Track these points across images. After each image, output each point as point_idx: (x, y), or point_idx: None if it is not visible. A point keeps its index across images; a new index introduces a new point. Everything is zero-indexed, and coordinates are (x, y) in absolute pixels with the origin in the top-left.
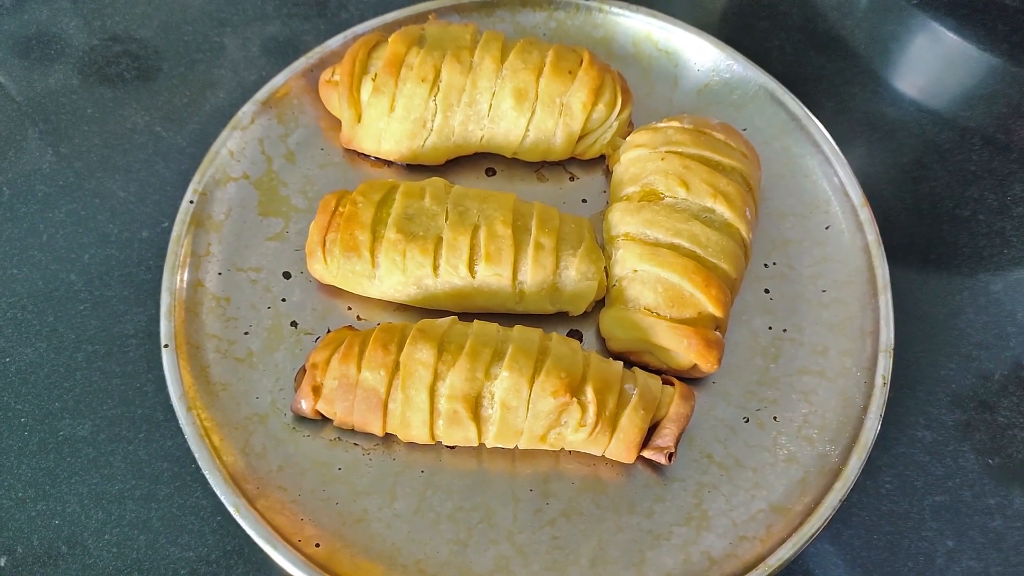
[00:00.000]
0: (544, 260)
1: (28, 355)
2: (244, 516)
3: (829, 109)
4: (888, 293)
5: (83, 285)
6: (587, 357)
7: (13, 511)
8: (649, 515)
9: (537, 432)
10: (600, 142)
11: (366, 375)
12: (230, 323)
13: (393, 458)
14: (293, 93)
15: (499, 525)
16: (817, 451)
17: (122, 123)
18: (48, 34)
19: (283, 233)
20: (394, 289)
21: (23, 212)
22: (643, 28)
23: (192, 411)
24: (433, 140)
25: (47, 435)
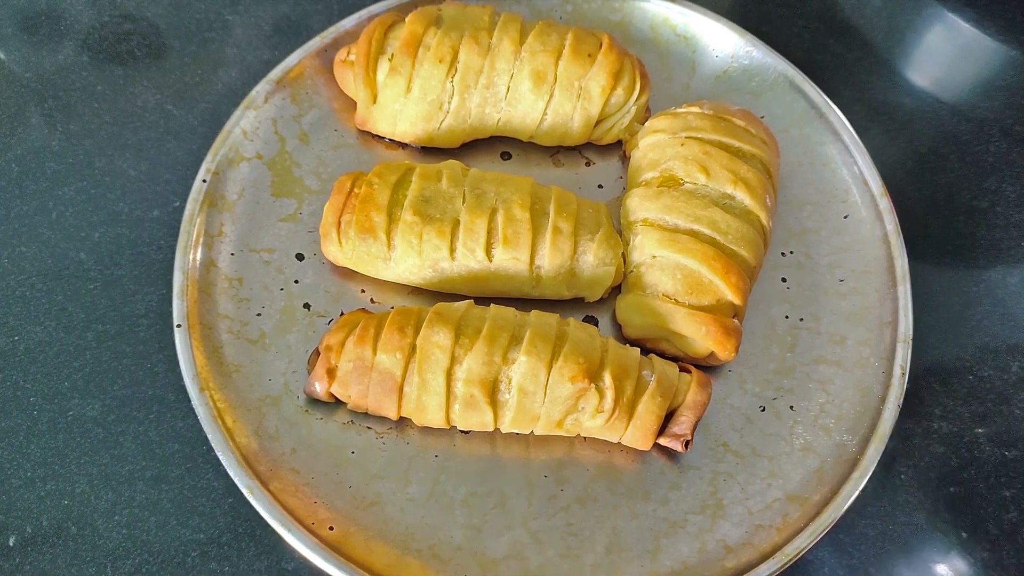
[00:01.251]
0: (562, 244)
1: (37, 334)
2: (258, 498)
3: (846, 98)
4: (907, 283)
5: (93, 264)
6: (605, 343)
7: (22, 491)
8: (664, 503)
9: (554, 418)
10: (618, 127)
11: (382, 358)
12: (243, 304)
13: (407, 442)
14: (307, 73)
15: (513, 511)
16: (834, 441)
17: (132, 101)
18: (57, 11)
19: (296, 214)
20: (409, 272)
21: (32, 189)
22: (661, 12)
23: (205, 392)
24: (449, 122)
25: (56, 415)
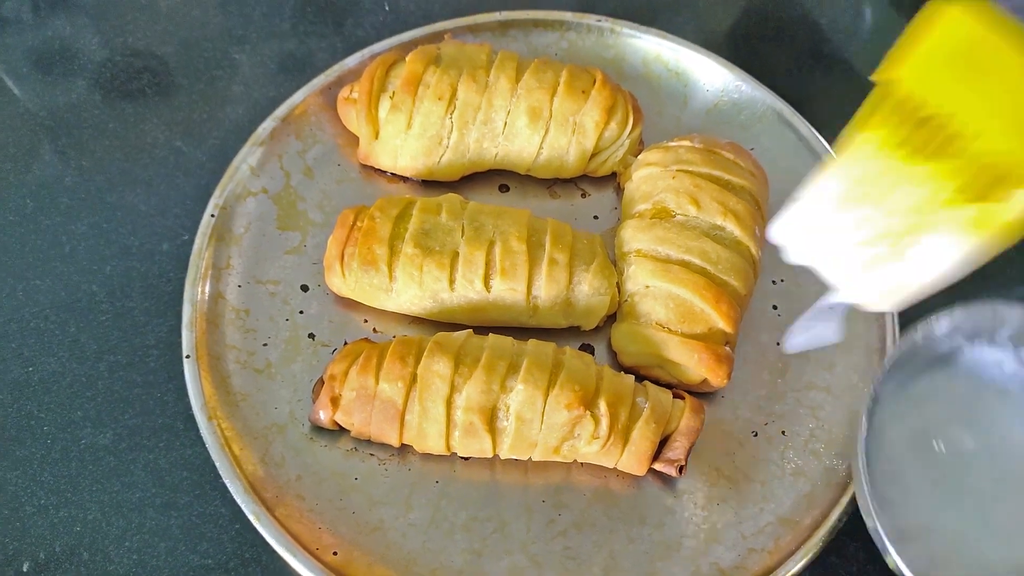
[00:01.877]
0: (558, 275)
1: (51, 365)
2: (264, 524)
3: (835, 130)
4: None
5: (105, 296)
6: (600, 371)
7: (36, 517)
8: (659, 526)
9: (551, 444)
10: (612, 160)
11: (384, 387)
12: (249, 334)
13: (408, 468)
14: (311, 110)
15: (513, 535)
16: (824, 465)
17: (143, 138)
18: (70, 50)
19: (301, 247)
20: (410, 302)
21: (46, 224)
22: (653, 49)
23: (213, 420)
24: (449, 157)
25: (69, 443)
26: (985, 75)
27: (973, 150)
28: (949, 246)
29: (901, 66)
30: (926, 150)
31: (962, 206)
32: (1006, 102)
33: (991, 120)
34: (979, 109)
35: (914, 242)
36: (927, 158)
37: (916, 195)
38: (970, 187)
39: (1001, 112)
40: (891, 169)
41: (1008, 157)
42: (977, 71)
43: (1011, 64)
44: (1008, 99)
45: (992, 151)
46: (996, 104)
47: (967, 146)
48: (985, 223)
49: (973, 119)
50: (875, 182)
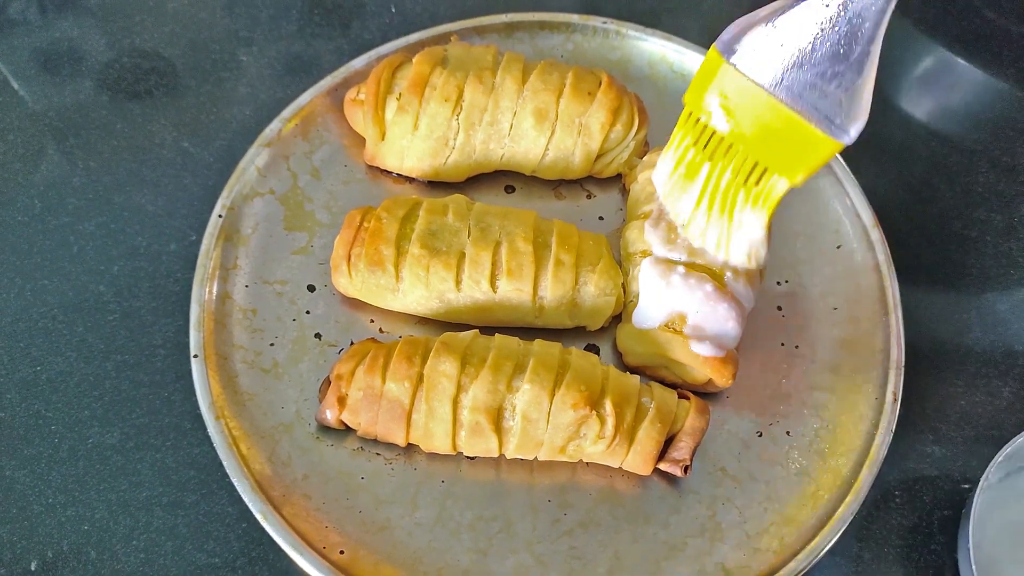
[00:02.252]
0: (564, 276)
1: (59, 364)
2: (271, 523)
3: None
4: (899, 312)
5: (112, 296)
6: (606, 371)
7: (44, 516)
8: (665, 526)
9: (557, 444)
10: (617, 161)
11: (391, 386)
12: (256, 334)
13: (414, 468)
14: (318, 111)
15: (518, 535)
16: (829, 465)
17: (151, 138)
18: (77, 51)
19: (308, 247)
20: (417, 303)
21: (54, 225)
22: (659, 51)
23: (220, 420)
24: (455, 158)
25: (77, 443)
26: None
27: (740, 152)
28: (753, 218)
29: (689, 92)
30: (709, 152)
31: (741, 188)
32: (754, 123)
33: (745, 133)
34: (736, 125)
35: (737, 213)
36: (709, 157)
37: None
38: (742, 174)
39: (751, 129)
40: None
41: (760, 158)
42: (733, 101)
43: (753, 94)
44: (754, 120)
45: (751, 153)
46: (747, 122)
47: (737, 149)
48: (763, 200)
49: (732, 132)
50: (695, 165)
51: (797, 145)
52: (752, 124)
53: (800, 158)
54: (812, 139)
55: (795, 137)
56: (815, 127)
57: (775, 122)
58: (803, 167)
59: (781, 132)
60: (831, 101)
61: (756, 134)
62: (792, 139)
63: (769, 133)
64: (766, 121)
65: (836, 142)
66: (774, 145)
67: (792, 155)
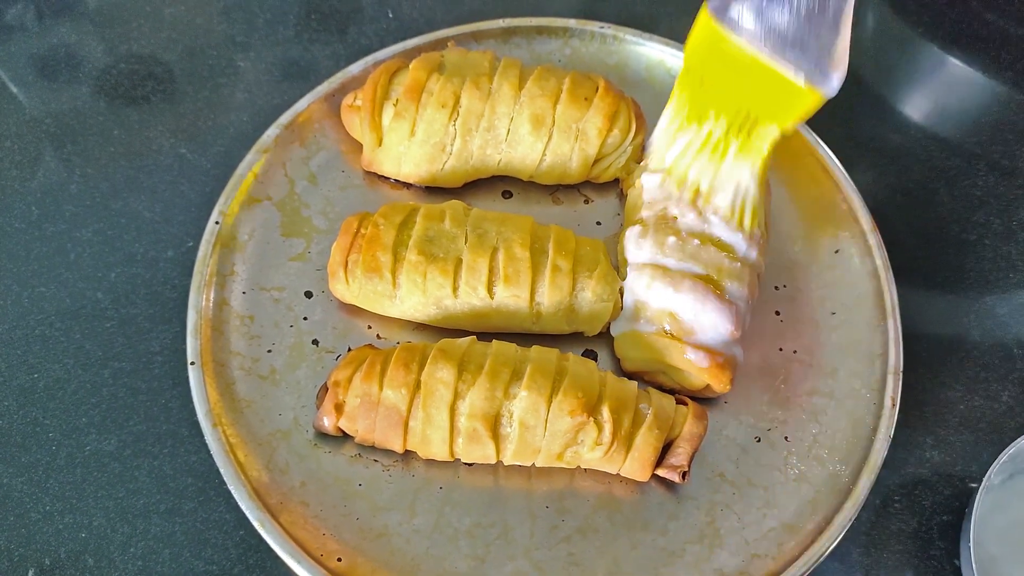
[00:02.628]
0: (561, 282)
1: (56, 371)
2: (268, 531)
3: (837, 135)
4: (896, 317)
5: (110, 303)
6: (603, 377)
7: (41, 524)
8: (663, 532)
9: (554, 450)
10: (614, 166)
11: (388, 393)
12: (253, 341)
13: (412, 474)
14: (315, 117)
15: (516, 541)
16: (827, 471)
17: (147, 144)
18: (75, 57)
19: (305, 253)
20: (414, 309)
21: (51, 231)
22: (656, 55)
23: (218, 427)
24: (452, 163)
25: (74, 450)
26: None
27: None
28: (741, 165)
29: (684, 49)
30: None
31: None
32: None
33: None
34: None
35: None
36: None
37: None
38: (734, 125)
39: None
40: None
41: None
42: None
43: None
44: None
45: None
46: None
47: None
48: (748, 149)
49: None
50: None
51: (784, 97)
52: (742, 78)
53: (787, 109)
54: (796, 91)
55: (782, 89)
56: (798, 80)
57: (763, 76)
58: (790, 116)
59: (769, 85)
60: (810, 56)
61: (747, 87)
62: (779, 91)
63: (759, 86)
64: (755, 75)
65: (818, 93)
66: (764, 97)
67: (780, 106)
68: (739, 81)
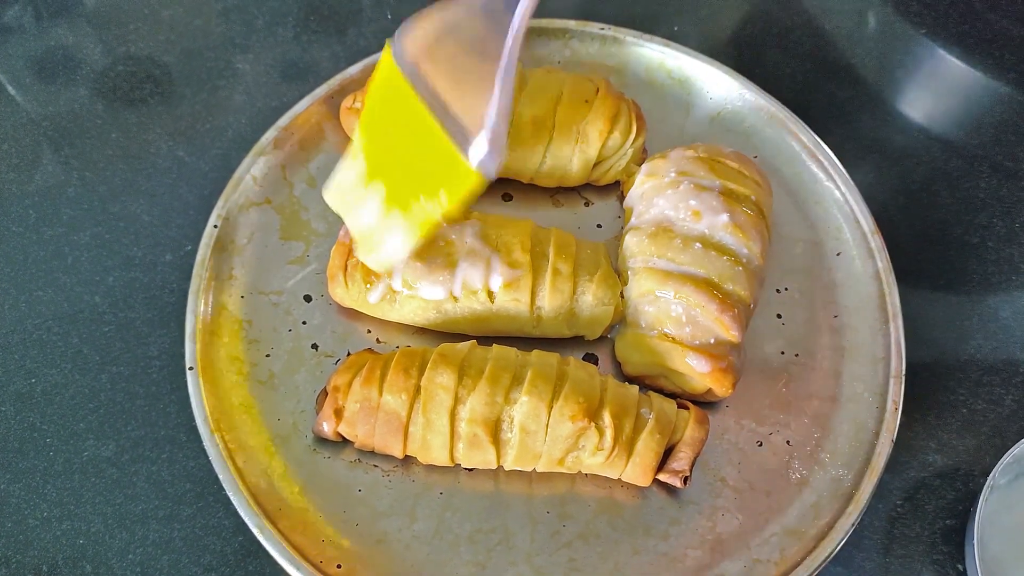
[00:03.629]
0: (561, 286)
1: (53, 376)
2: (267, 537)
3: (839, 136)
4: (899, 320)
5: (108, 307)
6: (604, 382)
7: (39, 530)
8: (665, 538)
9: (555, 456)
10: (615, 168)
11: (388, 399)
12: (252, 345)
13: (412, 480)
14: (314, 119)
15: (517, 547)
16: (830, 475)
17: (146, 147)
18: (73, 59)
19: (304, 257)
20: (414, 313)
21: (48, 235)
22: (656, 57)
23: (216, 433)
24: None
25: (72, 455)
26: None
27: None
28: (399, 230)
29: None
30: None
31: (392, 206)
32: (408, 136)
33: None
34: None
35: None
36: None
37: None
38: (392, 196)
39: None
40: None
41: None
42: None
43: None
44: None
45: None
46: (405, 135)
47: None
48: (414, 220)
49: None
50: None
51: (444, 169)
52: (409, 133)
53: (448, 184)
54: (457, 164)
55: (442, 158)
56: (464, 152)
57: (427, 137)
58: (451, 195)
59: (431, 150)
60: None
61: (412, 146)
62: (439, 160)
63: (422, 148)
64: (419, 133)
65: (479, 174)
66: (425, 163)
67: (439, 178)
68: (405, 137)
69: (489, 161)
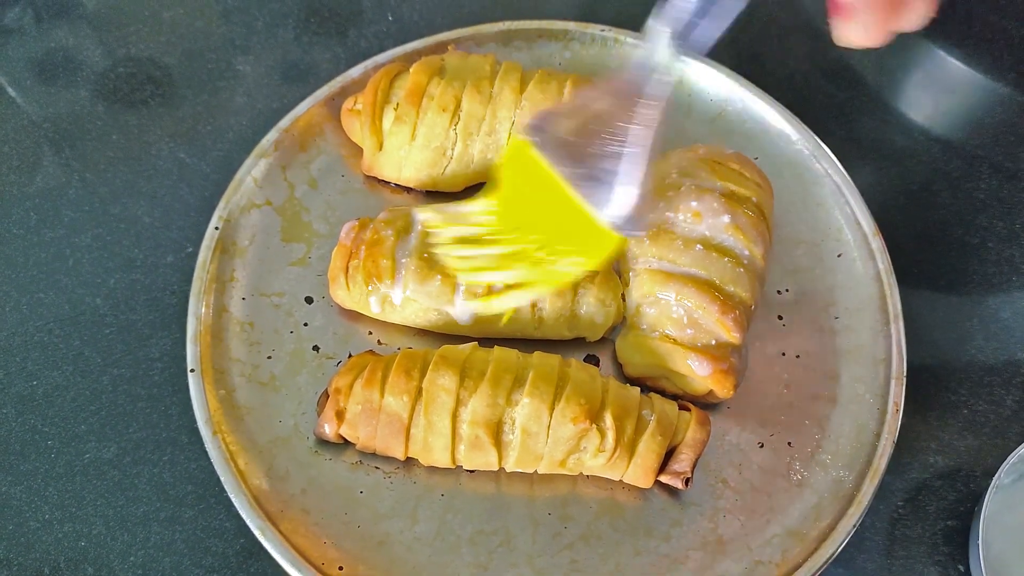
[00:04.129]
0: (562, 287)
1: (55, 378)
2: (269, 539)
3: (839, 137)
4: (900, 321)
5: (109, 309)
6: (605, 383)
7: (40, 533)
8: (666, 539)
9: (557, 457)
10: None
11: (389, 400)
12: (254, 347)
13: (414, 481)
14: (315, 121)
15: (519, 549)
16: (831, 476)
17: (146, 149)
18: (73, 60)
19: (305, 258)
20: (415, 315)
21: (49, 237)
22: None
23: (218, 435)
24: (453, 167)
25: (73, 457)
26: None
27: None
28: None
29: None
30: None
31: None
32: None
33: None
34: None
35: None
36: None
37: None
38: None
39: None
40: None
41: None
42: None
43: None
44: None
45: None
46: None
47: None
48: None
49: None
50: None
51: (585, 234)
52: (548, 203)
53: (589, 248)
54: (598, 230)
55: (583, 225)
56: (603, 219)
57: (566, 207)
58: (592, 257)
59: (571, 218)
60: (605, 192)
61: (551, 214)
62: (581, 227)
63: (561, 216)
64: (559, 204)
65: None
66: (565, 228)
67: (581, 242)
68: (544, 206)
69: (633, 225)
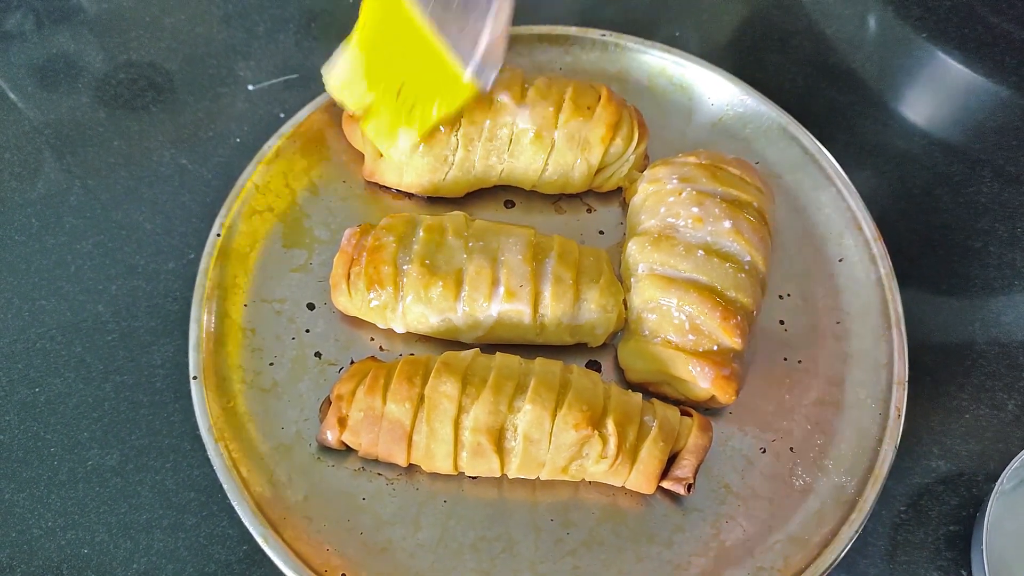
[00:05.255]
0: (564, 294)
1: (57, 385)
2: (271, 546)
3: (840, 141)
4: (902, 326)
5: (111, 316)
6: (607, 389)
7: (43, 540)
8: (668, 545)
9: (559, 464)
10: (617, 175)
11: (391, 407)
12: (255, 354)
13: (416, 488)
14: (316, 127)
15: (521, 555)
16: (833, 482)
17: (148, 155)
18: (74, 66)
19: (307, 264)
20: (417, 321)
21: (51, 244)
22: (658, 63)
23: (220, 443)
24: (454, 174)
25: (76, 465)
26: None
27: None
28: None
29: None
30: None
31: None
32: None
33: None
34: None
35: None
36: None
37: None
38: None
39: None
40: None
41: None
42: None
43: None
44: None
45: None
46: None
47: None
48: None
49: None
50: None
51: (442, 83)
52: (408, 51)
53: (443, 95)
54: (455, 80)
55: (441, 74)
56: (463, 72)
57: (426, 55)
58: (444, 104)
59: (431, 66)
60: (466, 44)
61: (410, 61)
62: (438, 75)
63: (421, 64)
64: (419, 52)
65: (474, 87)
66: (424, 77)
67: (437, 90)
68: (404, 53)
69: (484, 76)
